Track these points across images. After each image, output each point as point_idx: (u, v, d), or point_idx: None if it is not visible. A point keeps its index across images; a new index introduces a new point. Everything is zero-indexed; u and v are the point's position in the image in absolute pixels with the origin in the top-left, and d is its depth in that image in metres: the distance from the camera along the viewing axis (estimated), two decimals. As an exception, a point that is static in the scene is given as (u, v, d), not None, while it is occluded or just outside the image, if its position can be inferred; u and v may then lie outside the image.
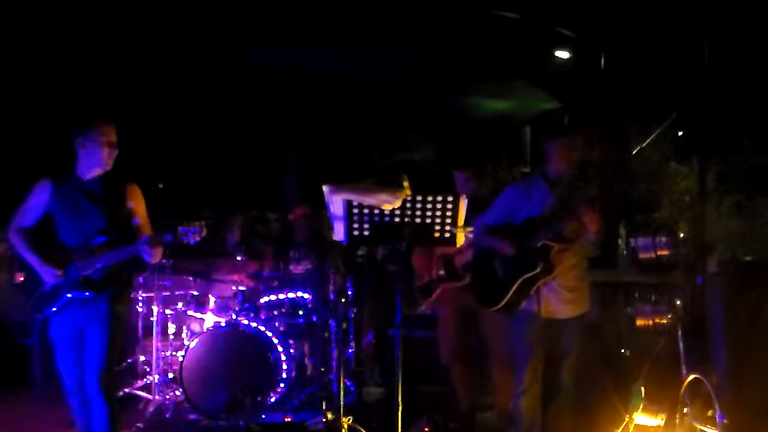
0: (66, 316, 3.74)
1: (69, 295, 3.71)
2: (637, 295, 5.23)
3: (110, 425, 3.70)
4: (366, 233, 3.61)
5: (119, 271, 3.79)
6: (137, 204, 3.85)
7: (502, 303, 3.84)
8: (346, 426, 4.32)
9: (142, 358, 5.87)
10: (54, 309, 3.72)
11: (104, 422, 3.68)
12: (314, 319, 5.51)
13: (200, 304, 5.56)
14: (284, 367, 5.21)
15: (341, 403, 4.48)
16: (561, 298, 3.84)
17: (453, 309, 4.65)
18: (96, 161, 3.74)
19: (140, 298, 5.71)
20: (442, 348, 4.82)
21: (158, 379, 5.33)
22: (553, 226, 3.71)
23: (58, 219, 3.78)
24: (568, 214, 3.67)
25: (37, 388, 5.82)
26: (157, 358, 5.37)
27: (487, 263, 3.99)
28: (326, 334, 5.55)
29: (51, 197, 3.78)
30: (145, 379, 5.62)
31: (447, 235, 3.61)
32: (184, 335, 5.65)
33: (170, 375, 5.50)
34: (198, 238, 3.70)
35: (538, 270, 3.73)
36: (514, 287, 3.79)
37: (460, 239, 3.75)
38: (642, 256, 5.12)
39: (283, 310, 5.54)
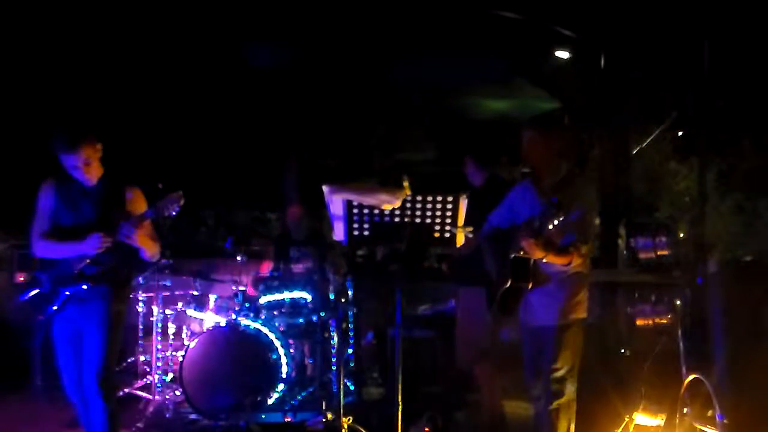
0: (66, 315, 3.75)
1: (67, 292, 3.71)
2: (637, 295, 5.22)
3: (109, 425, 3.69)
4: (366, 233, 3.61)
5: (115, 268, 3.78)
6: (139, 207, 3.85)
7: (493, 310, 3.71)
8: (346, 426, 4.31)
9: (142, 358, 5.86)
10: (54, 308, 3.72)
11: (103, 422, 3.68)
12: (314, 319, 5.51)
13: (200, 304, 5.56)
14: (284, 367, 5.21)
15: (341, 403, 4.48)
16: (546, 303, 3.61)
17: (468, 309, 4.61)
18: (77, 176, 3.75)
19: (140, 298, 5.71)
20: (460, 350, 4.65)
21: (158, 379, 5.34)
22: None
23: (60, 217, 3.79)
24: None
25: (37, 388, 5.82)
26: (157, 358, 5.38)
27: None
28: (326, 334, 5.55)
29: (55, 197, 3.79)
30: (145, 379, 5.62)
31: (447, 235, 3.61)
32: (184, 335, 5.66)
33: (170, 375, 5.51)
34: (178, 208, 3.67)
35: (509, 284, 3.53)
36: (498, 298, 3.61)
37: (460, 239, 3.74)
38: (642, 256, 5.11)
39: (283, 310, 5.53)
